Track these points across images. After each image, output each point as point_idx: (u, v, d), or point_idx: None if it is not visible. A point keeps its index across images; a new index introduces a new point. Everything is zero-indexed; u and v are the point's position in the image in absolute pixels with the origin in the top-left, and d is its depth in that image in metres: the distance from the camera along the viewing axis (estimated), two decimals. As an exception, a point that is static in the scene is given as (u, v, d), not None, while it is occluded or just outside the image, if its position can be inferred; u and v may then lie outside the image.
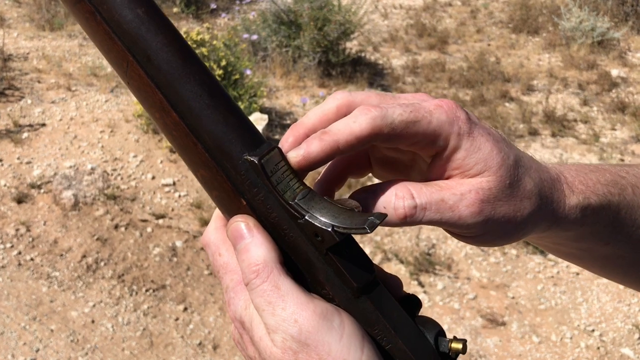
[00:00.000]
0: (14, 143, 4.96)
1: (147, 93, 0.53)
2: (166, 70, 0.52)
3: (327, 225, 0.51)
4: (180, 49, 0.53)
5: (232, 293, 0.54)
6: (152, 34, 0.52)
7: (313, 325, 0.50)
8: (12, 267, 4.00)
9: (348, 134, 0.53)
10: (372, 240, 4.53)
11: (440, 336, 0.56)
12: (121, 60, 0.53)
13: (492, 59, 7.46)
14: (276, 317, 0.50)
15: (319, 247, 0.52)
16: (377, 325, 0.53)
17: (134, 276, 4.05)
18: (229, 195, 0.54)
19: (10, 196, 4.49)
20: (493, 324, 4.01)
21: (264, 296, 0.51)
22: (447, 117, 0.54)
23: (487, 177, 0.55)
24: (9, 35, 6.66)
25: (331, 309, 0.51)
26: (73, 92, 5.70)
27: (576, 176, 0.63)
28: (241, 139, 0.53)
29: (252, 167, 0.52)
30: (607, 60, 7.49)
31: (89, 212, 4.45)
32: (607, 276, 0.77)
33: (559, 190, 0.60)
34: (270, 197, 0.52)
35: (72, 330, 3.67)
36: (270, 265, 0.51)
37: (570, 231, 0.62)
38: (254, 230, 0.53)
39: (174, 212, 4.55)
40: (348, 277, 0.52)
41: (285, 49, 6.66)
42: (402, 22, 8.49)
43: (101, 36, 0.53)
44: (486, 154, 0.55)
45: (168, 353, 3.63)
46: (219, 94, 0.53)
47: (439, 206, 0.54)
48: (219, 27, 7.53)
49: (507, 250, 4.61)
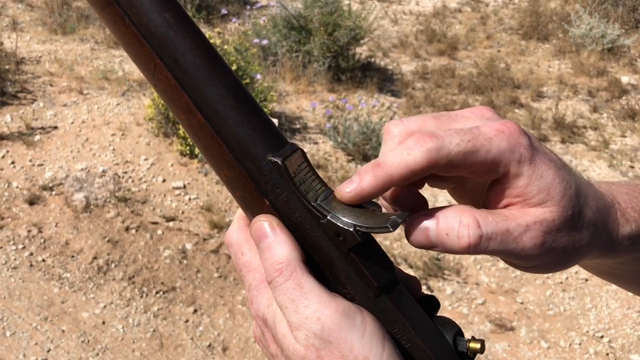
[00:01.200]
0: (26, 145, 5.00)
1: (173, 95, 0.54)
2: (193, 73, 0.53)
3: (349, 225, 0.51)
4: (206, 52, 0.54)
5: (254, 291, 0.55)
6: (179, 38, 0.53)
7: (336, 322, 0.50)
8: (24, 268, 4.04)
9: (403, 168, 0.51)
10: (382, 245, 4.53)
11: (458, 336, 0.57)
12: (149, 63, 0.54)
13: (502, 65, 7.46)
14: (299, 314, 0.51)
15: (340, 247, 0.53)
16: (397, 324, 0.54)
17: (144, 278, 4.07)
18: (252, 195, 0.55)
19: (23, 198, 4.53)
20: (502, 329, 4.01)
21: (287, 294, 0.51)
22: (508, 144, 0.52)
23: (549, 207, 0.53)
24: (21, 39, 6.72)
25: (353, 307, 0.52)
26: (85, 96, 5.75)
27: (629, 202, 0.61)
28: (265, 140, 0.54)
29: (276, 167, 0.53)
30: (617, 67, 7.49)
31: (100, 214, 4.48)
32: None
33: (613, 219, 0.59)
34: (293, 198, 0.53)
35: (83, 331, 3.69)
36: (293, 263, 0.52)
37: (619, 257, 0.62)
38: (277, 229, 0.53)
39: (184, 215, 4.58)
40: (369, 276, 0.53)
41: (295, 54, 6.69)
42: (412, 28, 8.51)
43: (130, 39, 0.54)
44: (548, 182, 0.53)
45: (178, 355, 3.65)
46: (243, 96, 0.54)
47: (504, 237, 0.52)
48: (229, 32, 7.57)
49: (516, 255, 4.60)
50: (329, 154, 5.50)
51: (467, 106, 6.39)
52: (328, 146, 5.61)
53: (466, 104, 6.55)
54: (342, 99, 6.30)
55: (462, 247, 0.51)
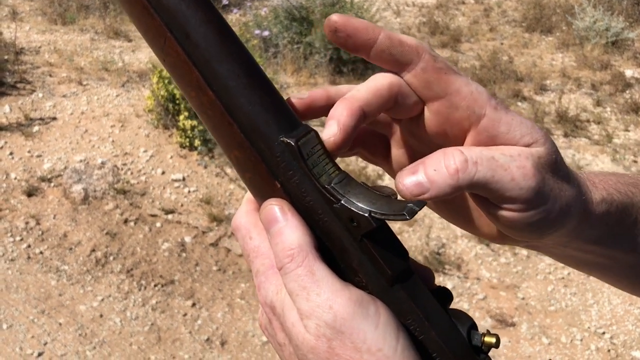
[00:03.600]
0: (25, 136, 4.97)
1: (183, 70, 0.52)
2: (204, 48, 0.51)
3: (364, 210, 0.49)
4: (219, 26, 0.52)
5: (262, 277, 0.53)
6: (191, 10, 0.51)
7: (348, 312, 0.48)
8: (22, 260, 4.01)
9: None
10: (382, 239, 4.51)
11: (472, 329, 0.55)
12: (159, 37, 0.52)
13: (505, 57, 7.42)
14: (310, 302, 0.49)
15: (354, 233, 0.51)
16: (410, 315, 0.52)
17: (142, 271, 4.05)
18: (262, 177, 0.53)
19: (21, 189, 4.50)
20: (502, 324, 3.99)
21: (298, 281, 0.49)
22: (484, 90, 0.52)
23: (535, 147, 0.52)
24: (21, 29, 6.68)
25: (367, 297, 0.50)
26: (84, 87, 5.71)
27: (595, 177, 0.61)
28: (278, 120, 0.52)
29: (289, 149, 0.51)
30: (621, 60, 7.43)
31: (99, 206, 4.45)
32: (634, 291, 0.74)
33: (584, 185, 0.58)
34: (306, 181, 0.51)
35: (80, 324, 3.67)
36: (305, 249, 0.50)
37: (595, 230, 0.60)
38: (289, 213, 0.51)
39: (183, 208, 4.55)
40: (383, 264, 0.51)
41: (296, 46, 6.65)
42: (415, 20, 8.46)
43: (139, 11, 0.52)
44: (530, 127, 0.52)
45: (176, 348, 3.62)
46: (256, 74, 0.52)
47: (491, 163, 0.50)
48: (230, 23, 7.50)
49: (518, 250, 4.58)
50: (329, 147, 5.47)
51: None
52: (329, 139, 5.58)
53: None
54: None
55: (451, 173, 0.49)
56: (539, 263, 4.48)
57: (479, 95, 0.52)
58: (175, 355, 3.59)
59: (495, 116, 0.52)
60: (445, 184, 0.49)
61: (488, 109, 0.52)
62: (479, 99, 0.52)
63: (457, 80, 0.52)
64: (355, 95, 0.51)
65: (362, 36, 0.51)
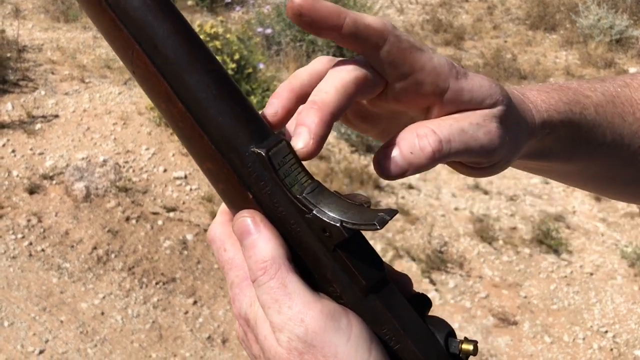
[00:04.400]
0: (27, 134, 4.97)
1: (152, 82, 0.52)
2: (173, 59, 0.51)
3: (336, 220, 0.49)
4: (188, 37, 0.51)
5: (237, 289, 0.53)
6: (159, 21, 0.51)
7: (320, 325, 0.48)
8: (23, 258, 4.01)
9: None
10: (384, 237, 4.50)
11: (450, 337, 0.55)
12: (127, 49, 0.52)
13: (509, 55, 7.39)
14: (282, 315, 0.49)
15: (327, 243, 0.50)
16: (386, 325, 0.52)
17: (144, 269, 4.05)
18: (235, 188, 0.52)
19: (23, 187, 4.50)
20: (505, 323, 3.97)
21: (270, 293, 0.49)
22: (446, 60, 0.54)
23: (496, 107, 0.55)
24: (23, 27, 6.68)
25: (339, 309, 0.50)
26: (87, 84, 5.71)
27: (538, 96, 0.64)
28: (249, 130, 0.51)
29: (259, 159, 0.50)
30: (625, 58, 7.40)
31: (101, 204, 4.45)
32: (580, 188, 0.82)
33: (530, 113, 0.62)
34: (277, 191, 0.51)
35: (81, 322, 3.67)
36: (278, 261, 0.50)
37: (534, 147, 0.64)
38: (261, 225, 0.51)
39: (185, 206, 4.54)
40: (357, 274, 0.51)
41: (299, 43, 6.64)
42: (418, 18, 8.44)
43: (107, 24, 0.52)
44: (489, 87, 0.55)
45: (177, 346, 3.62)
46: (227, 84, 0.52)
47: (462, 137, 0.53)
48: (233, 21, 7.51)
49: (520, 249, 4.56)
50: (332, 145, 5.46)
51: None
52: (331, 137, 5.57)
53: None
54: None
55: (428, 156, 0.51)
56: (541, 262, 4.46)
57: (441, 69, 0.53)
58: (177, 353, 3.58)
59: (458, 86, 0.54)
60: (422, 164, 0.52)
61: (451, 80, 0.54)
62: (441, 73, 0.53)
63: (422, 57, 0.53)
64: (325, 100, 0.51)
65: (328, 22, 0.50)
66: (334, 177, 4.92)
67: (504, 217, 4.88)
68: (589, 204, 5.11)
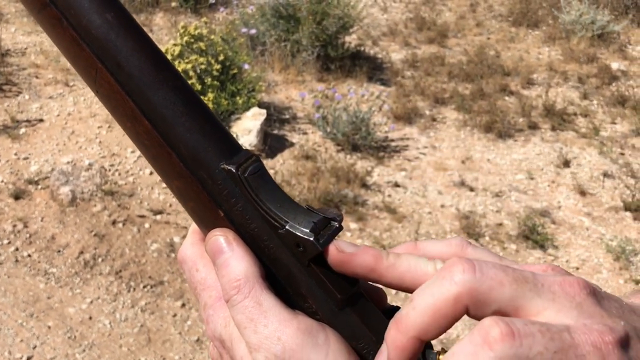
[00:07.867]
0: (12, 139, 4.94)
1: (117, 101, 0.51)
2: (137, 77, 0.50)
3: (309, 234, 0.49)
4: (152, 54, 0.51)
5: (210, 310, 0.52)
6: (122, 40, 0.50)
7: (297, 342, 0.48)
8: (10, 264, 3.99)
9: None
10: (371, 236, 4.51)
11: (427, 348, 0.53)
12: (89, 68, 0.51)
13: (492, 52, 7.43)
14: (258, 334, 0.48)
15: (300, 258, 0.50)
16: (362, 339, 0.51)
17: (131, 272, 4.04)
18: (205, 206, 0.52)
19: (8, 192, 4.48)
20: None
21: (245, 313, 0.49)
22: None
23: None
24: (6, 30, 6.63)
25: (316, 325, 0.49)
26: (71, 88, 5.68)
27: None
28: (218, 147, 0.51)
29: (230, 176, 0.50)
30: (607, 53, 7.46)
31: (87, 208, 4.43)
32: None
33: None
34: (249, 207, 0.50)
35: (69, 327, 3.65)
36: (251, 280, 0.49)
37: None
38: (234, 243, 0.51)
39: (171, 208, 4.53)
40: (331, 288, 0.50)
41: (283, 43, 6.63)
42: (402, 16, 8.45)
43: (68, 43, 0.51)
44: None
45: (166, 349, 3.62)
46: (193, 101, 0.51)
47: None
48: (217, 22, 7.49)
49: (507, 245, 4.59)
50: (318, 144, 5.46)
51: (456, 94, 6.38)
52: (317, 136, 5.57)
53: (456, 92, 6.51)
54: (331, 88, 6.26)
55: None
56: (528, 257, 4.49)
57: None
58: (166, 356, 3.58)
59: None
60: None
61: None
62: None
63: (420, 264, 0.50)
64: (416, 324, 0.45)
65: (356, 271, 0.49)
66: (321, 177, 4.92)
67: (490, 213, 4.91)
68: (574, 199, 5.15)
